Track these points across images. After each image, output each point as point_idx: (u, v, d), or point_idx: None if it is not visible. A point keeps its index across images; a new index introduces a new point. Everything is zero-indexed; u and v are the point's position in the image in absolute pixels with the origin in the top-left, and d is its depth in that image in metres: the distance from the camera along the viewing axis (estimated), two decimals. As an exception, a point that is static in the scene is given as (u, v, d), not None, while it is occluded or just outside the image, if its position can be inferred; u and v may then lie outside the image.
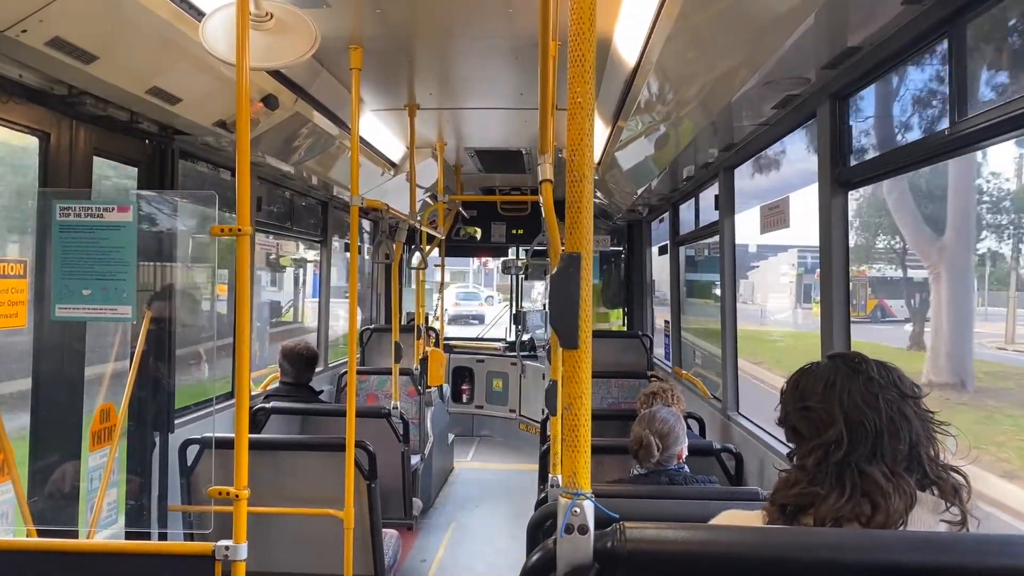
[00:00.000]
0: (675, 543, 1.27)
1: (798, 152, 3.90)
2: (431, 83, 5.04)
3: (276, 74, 4.11)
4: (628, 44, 3.65)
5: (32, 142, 3.24)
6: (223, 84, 3.54)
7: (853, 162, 3.14)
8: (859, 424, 1.54)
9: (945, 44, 2.39)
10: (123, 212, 2.64)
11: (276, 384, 5.39)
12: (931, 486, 1.52)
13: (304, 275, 9.91)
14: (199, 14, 3.10)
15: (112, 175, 3.87)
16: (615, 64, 4.03)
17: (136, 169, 3.99)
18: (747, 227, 4.72)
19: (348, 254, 7.72)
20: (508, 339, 10.11)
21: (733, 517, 1.69)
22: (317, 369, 5.58)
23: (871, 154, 3.09)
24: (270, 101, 4.10)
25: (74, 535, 3.15)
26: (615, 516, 1.32)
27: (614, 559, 1.25)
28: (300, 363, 5.23)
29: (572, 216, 1.41)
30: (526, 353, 9.56)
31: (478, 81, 4.99)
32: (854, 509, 1.47)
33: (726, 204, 4.94)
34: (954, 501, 1.50)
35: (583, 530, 1.33)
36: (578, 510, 1.34)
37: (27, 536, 2.79)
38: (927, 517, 1.48)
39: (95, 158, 3.55)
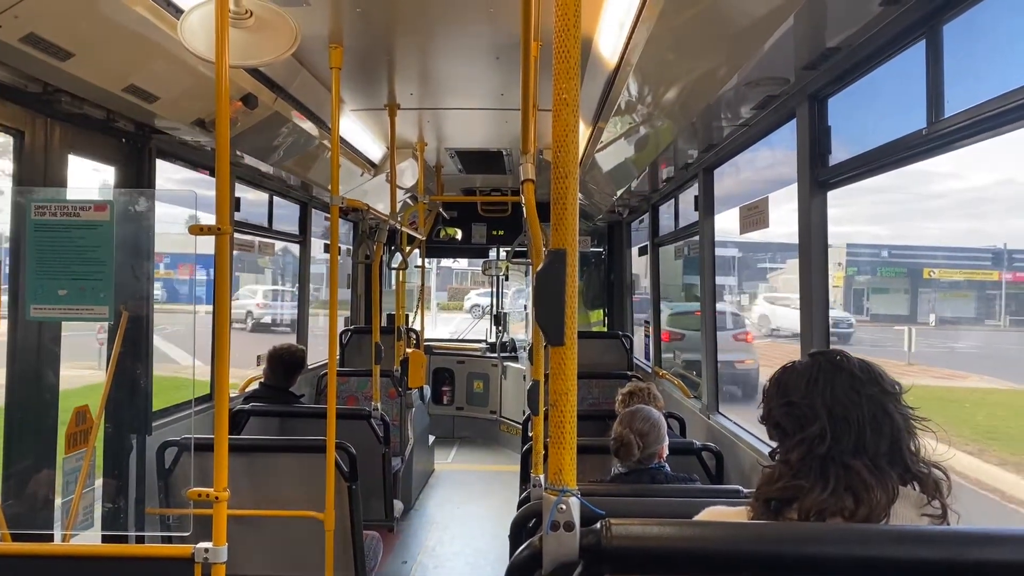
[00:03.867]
0: (661, 539, 1.27)
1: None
2: (412, 83, 5.02)
3: (255, 73, 4.08)
4: (609, 45, 3.66)
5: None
6: (201, 82, 3.50)
7: (832, 162, 3.17)
8: (842, 419, 1.55)
9: (922, 45, 2.42)
10: (100, 211, 2.61)
11: (255, 386, 5.34)
12: (912, 480, 1.54)
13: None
14: (177, 11, 3.06)
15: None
16: (596, 65, 4.04)
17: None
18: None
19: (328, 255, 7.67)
20: (489, 340, 10.11)
21: (717, 514, 1.70)
22: None
23: (849, 155, 3.13)
24: (249, 100, 4.06)
25: (49, 539, 3.10)
26: (601, 512, 1.33)
27: (600, 555, 1.25)
28: (282, 368, 5.18)
29: (557, 212, 1.41)
30: (507, 354, 9.56)
31: (459, 81, 4.98)
32: (838, 503, 1.48)
33: (706, 205, 4.97)
34: (935, 495, 1.52)
35: (569, 527, 1.33)
36: (564, 507, 1.34)
37: (1, 540, 2.74)
38: (909, 511, 1.50)
39: (71, 157, 3.50)
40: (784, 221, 3.75)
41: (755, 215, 4.01)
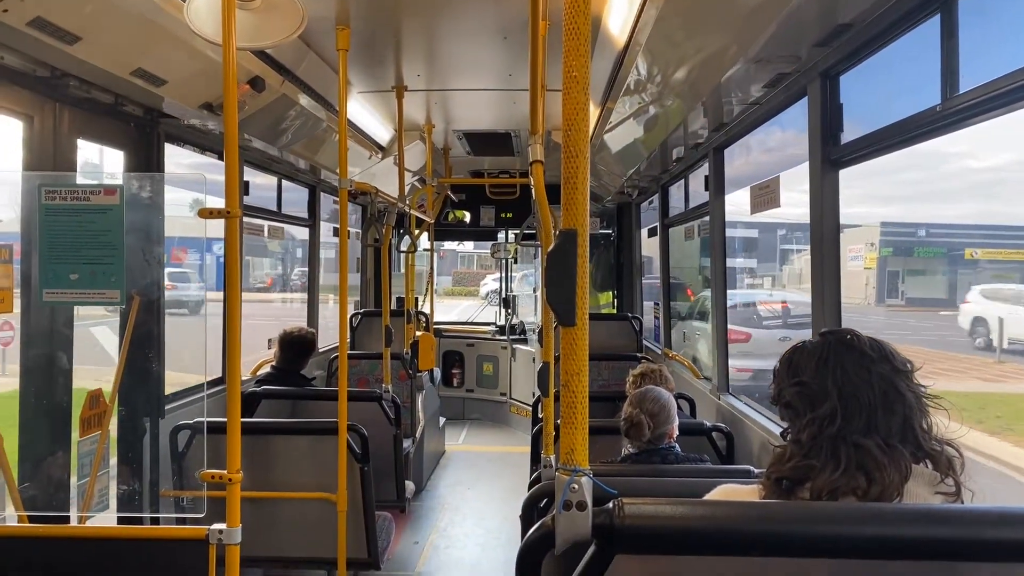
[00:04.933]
0: (673, 518, 1.27)
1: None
2: (419, 64, 4.99)
3: (262, 55, 4.07)
4: (617, 24, 3.63)
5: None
6: (209, 65, 3.49)
7: (844, 140, 3.14)
8: (853, 398, 1.55)
9: (936, 20, 2.39)
10: (110, 195, 2.61)
11: (267, 369, 5.37)
12: (925, 459, 1.53)
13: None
14: (184, -7, 3.05)
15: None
16: (604, 44, 4.00)
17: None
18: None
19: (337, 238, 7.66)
20: (498, 323, 10.13)
21: (729, 492, 1.70)
22: None
23: (861, 132, 3.09)
24: (257, 83, 4.05)
25: (66, 521, 3.13)
26: (613, 492, 1.32)
27: (612, 534, 1.24)
28: (293, 350, 5.19)
29: (568, 192, 1.40)
30: (516, 337, 9.58)
31: (467, 62, 4.95)
32: (850, 482, 1.48)
33: (716, 185, 4.94)
34: (948, 473, 1.51)
35: (581, 506, 1.33)
36: (576, 486, 1.34)
37: (18, 522, 2.77)
38: (922, 490, 1.49)
39: (80, 141, 3.50)
40: (799, 203, 3.70)
41: (766, 195, 3.98)
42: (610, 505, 1.26)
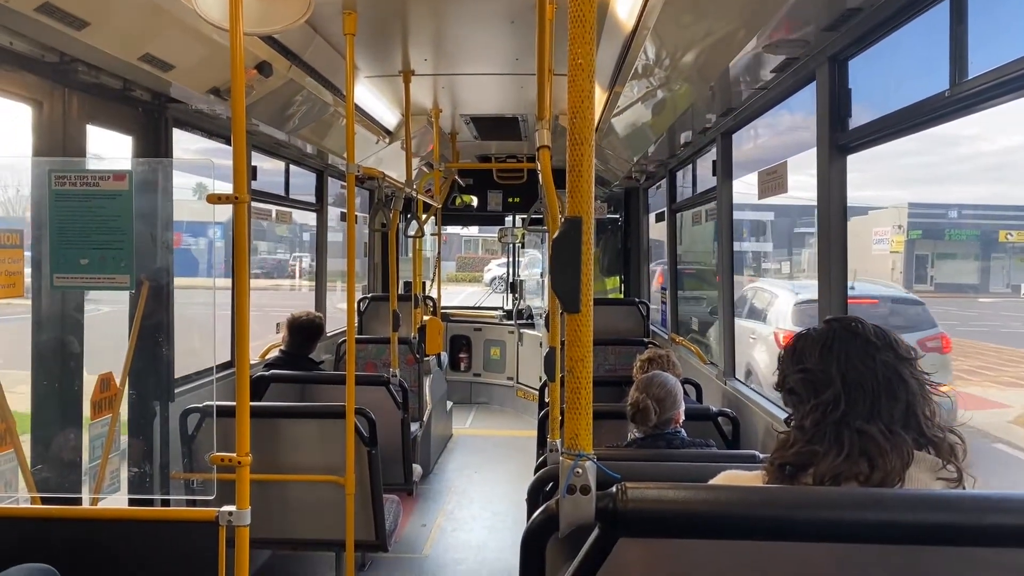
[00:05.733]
0: (676, 503, 1.28)
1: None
2: (426, 48, 4.98)
3: (270, 40, 4.06)
4: (625, 7, 3.61)
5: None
6: (216, 51, 3.50)
7: (852, 126, 3.13)
8: (856, 384, 1.55)
9: (946, 5, 2.37)
10: (119, 181, 2.63)
11: (275, 354, 5.41)
12: (927, 445, 1.54)
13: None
14: (191, -22, 3.04)
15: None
16: (612, 28, 3.98)
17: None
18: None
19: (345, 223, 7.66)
20: (505, 308, 10.15)
21: (733, 478, 1.72)
22: None
23: (870, 118, 3.08)
24: (264, 68, 4.05)
25: (78, 502, 3.18)
26: (617, 476, 1.34)
27: (616, 518, 1.26)
28: (301, 335, 5.23)
29: (573, 180, 1.40)
30: (523, 321, 9.60)
31: (474, 46, 4.93)
32: (852, 468, 1.49)
33: (724, 170, 4.92)
34: (950, 459, 1.52)
35: (585, 490, 1.35)
36: (580, 471, 1.36)
37: (31, 504, 2.81)
38: (924, 476, 1.50)
39: (89, 127, 3.52)
40: (807, 186, 3.68)
41: (774, 180, 3.97)
42: (613, 489, 1.28)
